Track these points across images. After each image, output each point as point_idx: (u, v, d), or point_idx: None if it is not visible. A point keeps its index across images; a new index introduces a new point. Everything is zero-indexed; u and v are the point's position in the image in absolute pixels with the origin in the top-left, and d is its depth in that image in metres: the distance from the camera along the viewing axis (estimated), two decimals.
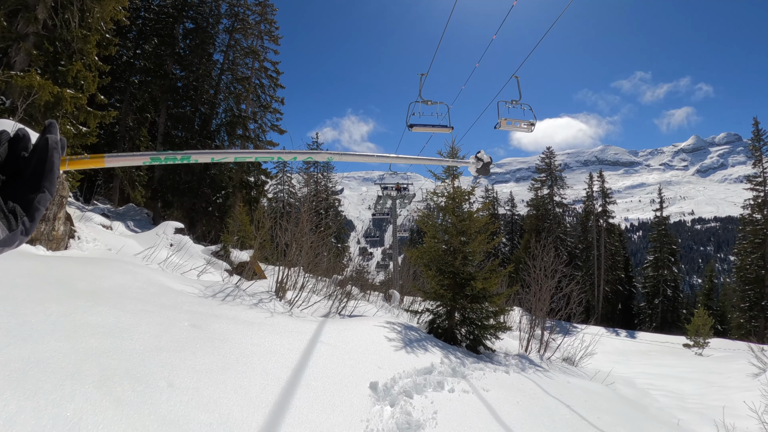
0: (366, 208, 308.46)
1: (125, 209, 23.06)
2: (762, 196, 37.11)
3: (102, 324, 3.71)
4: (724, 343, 28.85)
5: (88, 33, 14.38)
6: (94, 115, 15.12)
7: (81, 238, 9.56)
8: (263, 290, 7.73)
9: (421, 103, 10.17)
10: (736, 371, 15.20)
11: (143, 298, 4.95)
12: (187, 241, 13.06)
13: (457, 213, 9.75)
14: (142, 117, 26.04)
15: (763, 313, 34.88)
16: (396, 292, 17.51)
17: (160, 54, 25.78)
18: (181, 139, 26.01)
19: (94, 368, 2.92)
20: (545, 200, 48.94)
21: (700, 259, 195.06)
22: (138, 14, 25.83)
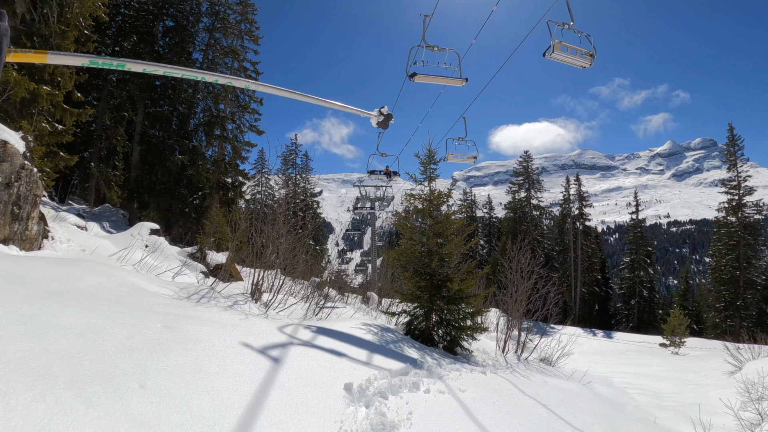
0: (345, 210, 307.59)
1: (101, 210, 22.62)
2: (736, 199, 38.25)
3: (74, 325, 3.68)
4: (700, 342, 29.58)
5: (66, 29, 14.13)
6: (71, 112, 14.86)
7: (55, 239, 9.38)
8: (239, 292, 7.68)
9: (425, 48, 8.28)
10: (712, 369, 15.55)
11: (116, 300, 4.90)
12: (163, 242, 12.89)
13: (434, 215, 9.81)
14: (119, 115, 25.60)
15: (738, 313, 35.95)
16: (374, 294, 17.54)
17: (139, 52, 25.36)
18: (159, 139, 25.64)
19: (65, 369, 2.91)
20: (522, 203, 49.80)
21: (676, 260, 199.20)
22: (118, 11, 25.43)
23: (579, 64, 7.66)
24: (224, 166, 27.33)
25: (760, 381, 8.85)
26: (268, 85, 4.53)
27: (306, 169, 47.53)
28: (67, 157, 15.38)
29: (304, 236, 9.93)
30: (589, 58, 7.63)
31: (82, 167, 24.24)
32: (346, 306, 12.12)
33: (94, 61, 1.19)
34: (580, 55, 7.54)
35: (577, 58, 7.54)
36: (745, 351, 14.72)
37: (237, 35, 28.63)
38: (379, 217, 27.95)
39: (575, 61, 7.59)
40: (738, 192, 38.14)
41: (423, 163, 10.24)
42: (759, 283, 36.79)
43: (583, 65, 7.67)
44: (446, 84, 8.25)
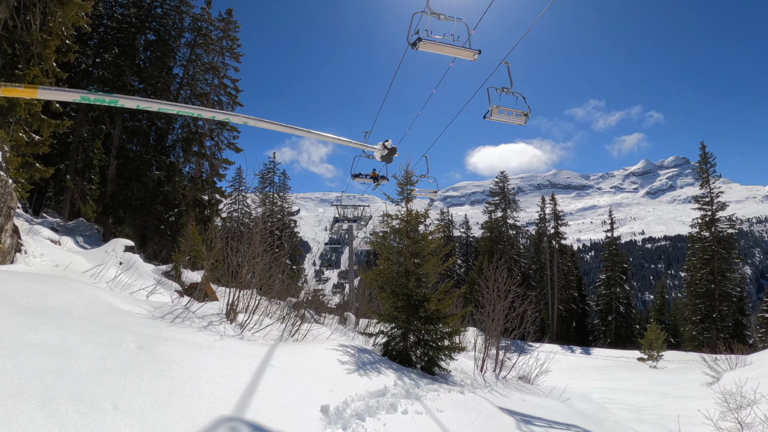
0: (322, 230, 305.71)
1: (75, 224, 22.17)
2: (709, 215, 39.10)
3: (46, 343, 3.65)
4: (677, 355, 29.96)
5: (48, 37, 13.94)
6: (48, 123, 14.62)
7: (28, 253, 9.18)
8: (214, 312, 7.58)
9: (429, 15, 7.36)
10: (690, 381, 15.79)
11: (90, 318, 4.84)
12: (137, 259, 12.69)
13: (411, 235, 9.86)
14: (97, 128, 25.21)
15: (714, 325, 36.59)
16: (351, 314, 17.46)
17: (120, 64, 25.16)
18: (136, 153, 25.30)
19: (38, 388, 2.89)
20: (499, 223, 50.45)
21: (652, 276, 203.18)
22: (100, 21, 25.25)
23: (515, 122, 8.39)
24: (201, 183, 27.07)
25: (738, 390, 9.01)
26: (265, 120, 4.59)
27: (284, 187, 47.23)
28: (43, 169, 15.09)
29: (280, 256, 9.85)
30: (524, 117, 8.31)
31: (58, 179, 23.75)
32: (323, 327, 12.03)
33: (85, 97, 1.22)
34: (515, 116, 8.25)
35: (513, 118, 8.25)
36: (722, 362, 14.95)
37: (218, 52, 28.65)
38: (357, 237, 27.92)
39: (512, 120, 8.33)
40: (711, 208, 39.12)
41: (400, 183, 10.34)
42: (734, 295, 37.62)
43: (519, 123, 8.41)
44: (455, 55, 7.47)
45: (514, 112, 8.24)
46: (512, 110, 8.22)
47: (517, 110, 8.25)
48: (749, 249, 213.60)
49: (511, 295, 12.19)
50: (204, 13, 28.02)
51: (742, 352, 16.65)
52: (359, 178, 17.85)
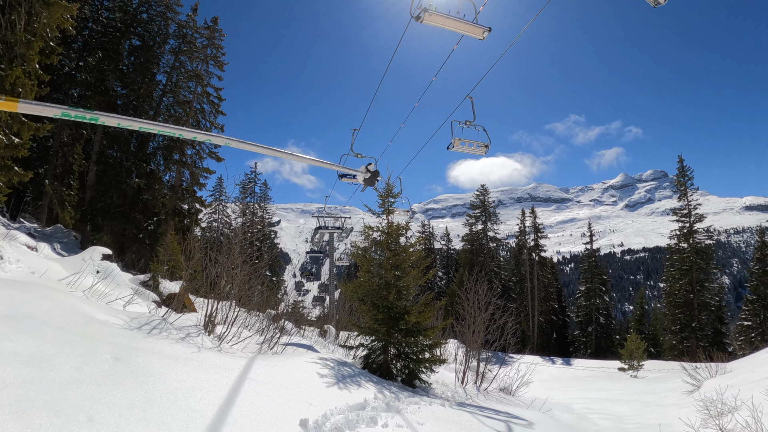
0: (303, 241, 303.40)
1: (52, 230, 21.70)
2: (687, 226, 40.13)
3: (21, 352, 3.61)
4: (658, 365, 30.39)
5: (32, 38, 13.71)
6: (29, 126, 14.34)
7: (4, 258, 9.03)
8: (191, 324, 7.50)
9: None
10: (671, 390, 15.99)
11: (65, 327, 4.78)
12: (115, 268, 12.44)
13: (391, 247, 9.89)
14: (77, 133, 24.65)
15: (693, 334, 37.36)
16: (332, 327, 17.33)
17: (103, 69, 24.81)
18: (116, 160, 24.90)
19: (11, 398, 2.86)
20: (479, 235, 50.96)
21: (631, 287, 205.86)
22: (85, 24, 24.88)
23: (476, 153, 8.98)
24: (181, 192, 26.73)
25: (719, 398, 9.19)
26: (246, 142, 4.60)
27: (264, 198, 46.86)
28: (22, 173, 14.76)
29: (260, 267, 9.77)
30: (484, 148, 8.89)
31: (36, 184, 23.19)
32: (303, 339, 11.94)
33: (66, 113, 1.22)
34: (476, 147, 8.82)
35: (474, 149, 8.82)
36: (702, 370, 15.14)
37: (202, 60, 28.47)
38: (338, 249, 27.80)
39: (472, 151, 8.91)
40: (689, 220, 40.12)
41: (381, 196, 10.40)
42: (712, 304, 38.52)
43: (479, 154, 8.99)
44: (463, 32, 6.85)
45: (475, 143, 8.79)
46: (473, 142, 8.77)
47: (478, 142, 8.80)
48: (727, 259, 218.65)
49: (491, 307, 12.29)
50: (189, 20, 27.88)
51: (721, 360, 16.91)
52: (347, 178, 16.06)
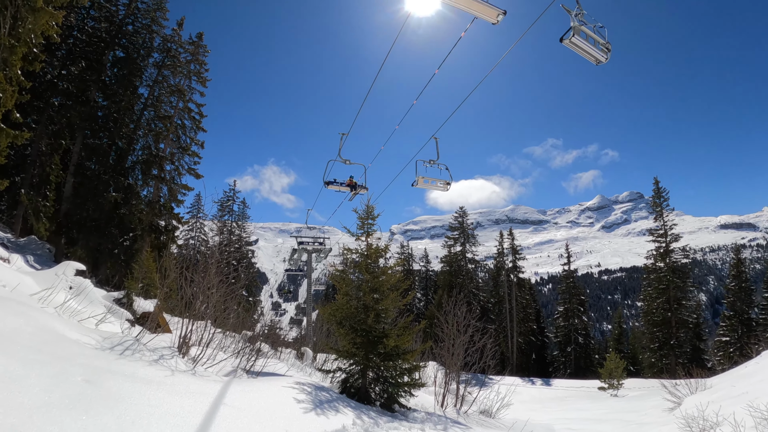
0: (281, 261, 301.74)
1: (26, 241, 21.24)
2: (664, 246, 40.99)
3: None
4: (637, 383, 30.59)
5: (16, 43, 13.49)
6: (7, 133, 14.09)
7: None
8: (165, 345, 7.31)
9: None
10: (651, 408, 16.01)
11: (35, 346, 4.62)
12: (88, 285, 12.12)
13: (370, 270, 9.81)
14: (56, 143, 24.17)
15: (672, 351, 37.93)
16: (309, 350, 17.06)
17: (86, 79, 24.49)
18: (94, 172, 24.44)
19: None
20: (458, 257, 51.18)
21: (609, 306, 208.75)
22: (70, 33, 24.58)
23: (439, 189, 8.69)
24: (159, 208, 26.37)
25: (701, 414, 9.19)
26: None
27: (243, 216, 46.34)
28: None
29: (236, 288, 9.59)
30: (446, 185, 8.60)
31: (12, 193, 22.68)
32: (280, 362, 11.71)
33: None
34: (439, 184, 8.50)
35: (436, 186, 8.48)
36: (682, 387, 15.23)
37: (185, 75, 28.35)
38: (316, 269, 27.52)
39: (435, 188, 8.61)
40: (665, 240, 41.03)
41: (361, 218, 10.35)
42: (690, 321, 39.37)
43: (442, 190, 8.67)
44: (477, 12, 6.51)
45: (437, 181, 8.97)
46: (436, 180, 8.96)
47: (440, 180, 9.00)
48: (703, 277, 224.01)
49: (470, 329, 12.23)
50: (174, 34, 27.86)
51: (701, 376, 17.08)
52: (333, 185, 14.86)
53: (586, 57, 6.89)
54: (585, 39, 6.65)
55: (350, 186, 14.84)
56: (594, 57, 6.88)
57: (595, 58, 6.89)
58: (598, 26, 6.80)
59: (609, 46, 6.87)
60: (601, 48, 6.83)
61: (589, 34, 6.66)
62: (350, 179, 14.92)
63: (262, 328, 15.11)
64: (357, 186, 14.72)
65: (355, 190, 14.78)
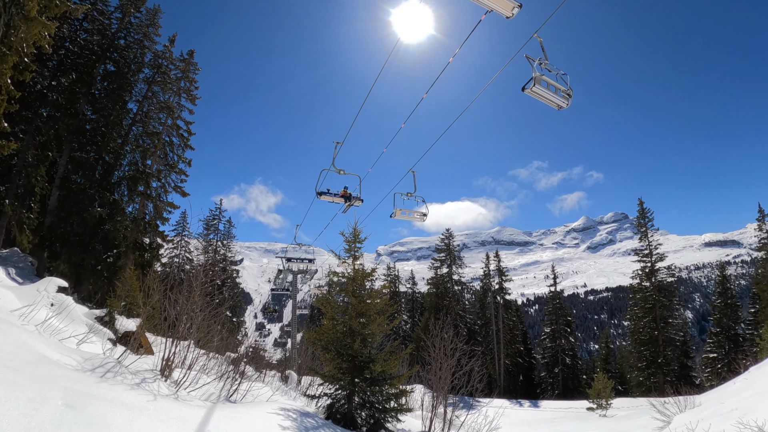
0: (266, 281, 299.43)
1: (8, 253, 21.06)
2: (649, 266, 41.43)
3: None
4: (626, 402, 30.45)
5: (7, 52, 13.35)
6: None
7: None
8: (148, 368, 7.18)
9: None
10: (641, 427, 15.95)
11: (15, 366, 4.54)
12: (70, 302, 11.96)
13: (356, 294, 9.73)
14: (43, 154, 23.76)
15: (660, 370, 38.06)
16: (293, 373, 16.78)
17: (75, 91, 24.27)
18: (79, 186, 24.11)
19: None
20: (444, 279, 51.29)
21: (596, 326, 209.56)
22: (62, 44, 24.32)
23: (416, 220, 9.37)
24: (144, 225, 26.10)
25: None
26: None
27: (228, 235, 45.92)
28: None
29: (221, 312, 9.45)
30: (422, 216, 9.25)
31: None
32: (264, 386, 11.51)
33: None
34: (416, 215, 9.18)
35: (413, 217, 9.18)
36: (671, 405, 15.13)
37: (175, 92, 28.34)
38: (301, 290, 27.27)
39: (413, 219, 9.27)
40: (650, 259, 41.51)
41: (348, 241, 10.33)
42: (677, 339, 39.56)
43: (419, 221, 9.23)
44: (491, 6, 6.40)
45: (415, 213, 9.73)
46: (413, 211, 9.74)
47: (417, 211, 9.82)
48: (689, 294, 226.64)
49: (457, 353, 12.16)
50: (166, 51, 27.89)
51: (690, 394, 17.04)
52: (326, 196, 13.85)
53: (548, 103, 7.38)
54: (546, 87, 7.10)
55: (344, 197, 13.99)
56: (555, 103, 7.37)
57: (557, 104, 7.37)
58: (560, 74, 7.32)
59: (570, 92, 7.37)
60: (563, 95, 7.32)
61: (550, 82, 7.15)
62: (344, 190, 14.09)
63: (246, 349, 14.81)
64: (352, 197, 13.87)
65: (349, 201, 13.94)
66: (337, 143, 11.01)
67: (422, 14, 7.55)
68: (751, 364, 22.33)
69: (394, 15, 8.36)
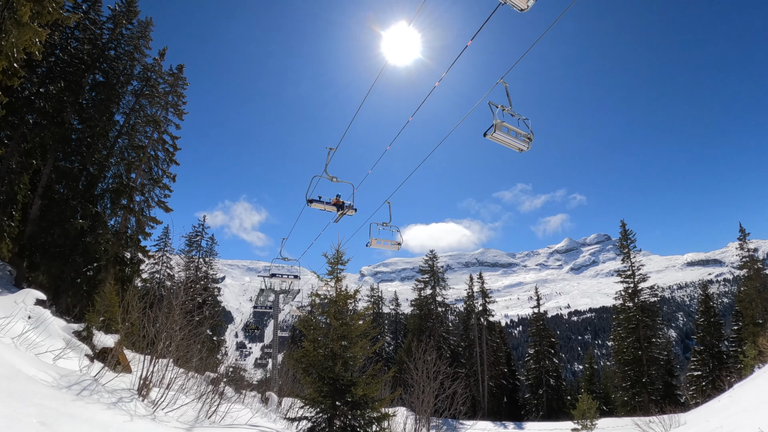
0: (247, 300, 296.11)
1: None
2: (632, 286, 42.05)
3: None
4: (611, 422, 30.50)
5: None
6: None
7: None
8: (125, 386, 7.03)
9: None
10: None
11: None
12: (48, 315, 11.75)
13: (338, 317, 9.64)
14: (27, 162, 23.34)
15: (644, 389, 38.29)
16: (274, 394, 16.53)
17: (63, 100, 24.01)
18: (62, 196, 23.72)
19: None
20: (428, 300, 51.43)
21: (579, 347, 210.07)
22: (53, 51, 24.09)
23: (391, 248, 9.71)
24: (125, 240, 25.78)
25: None
26: None
27: (211, 252, 45.30)
28: None
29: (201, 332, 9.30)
30: (397, 245, 9.58)
31: None
32: (243, 407, 11.28)
33: None
34: (390, 244, 9.53)
35: (389, 246, 9.54)
36: (656, 424, 15.20)
37: (162, 106, 28.28)
38: (283, 309, 26.99)
39: (388, 248, 9.69)
40: (633, 280, 42.14)
41: (330, 262, 10.28)
42: (661, 359, 40.01)
43: (393, 250, 9.55)
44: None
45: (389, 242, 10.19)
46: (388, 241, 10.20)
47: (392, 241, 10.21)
48: (672, 313, 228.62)
49: (441, 375, 12.11)
50: (156, 64, 27.88)
51: (675, 412, 17.14)
52: (317, 204, 12.95)
53: (509, 147, 7.81)
54: (507, 132, 7.51)
55: (336, 205, 13.15)
56: (516, 146, 7.82)
57: (518, 147, 7.83)
58: (522, 119, 7.74)
59: (531, 136, 7.82)
60: (523, 138, 7.75)
61: (510, 128, 7.56)
62: (337, 198, 13.26)
63: (226, 369, 14.54)
64: (344, 206, 13.03)
65: (342, 210, 13.09)
66: (330, 149, 10.71)
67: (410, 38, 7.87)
68: (736, 380, 22.57)
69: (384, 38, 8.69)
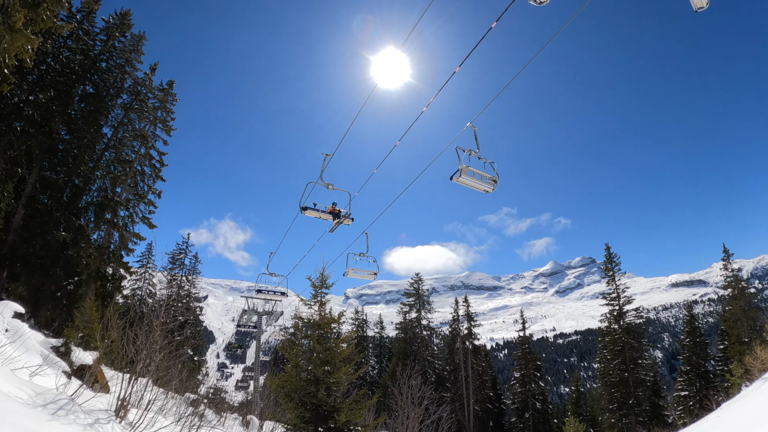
0: (230, 320, 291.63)
1: None
2: (617, 309, 41.96)
3: None
4: None
5: None
6: None
7: None
8: (102, 407, 6.85)
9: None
10: None
11: None
12: (26, 329, 11.44)
13: (322, 342, 9.50)
14: (12, 170, 22.89)
15: (632, 411, 37.97)
16: (255, 418, 16.16)
17: (52, 109, 23.81)
18: (46, 207, 23.40)
19: None
20: (413, 323, 51.28)
21: (566, 369, 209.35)
22: (44, 59, 23.99)
23: (367, 278, 9.68)
24: (108, 255, 25.43)
25: None
26: None
27: (194, 271, 44.55)
28: None
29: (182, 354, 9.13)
30: (373, 275, 9.55)
31: None
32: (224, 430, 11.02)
33: None
34: (367, 274, 9.47)
35: (365, 276, 9.50)
36: None
37: (151, 121, 28.19)
38: (266, 331, 26.64)
39: (364, 277, 9.64)
40: (618, 302, 42.10)
41: (314, 286, 10.23)
42: (647, 380, 39.67)
43: (369, 279, 9.56)
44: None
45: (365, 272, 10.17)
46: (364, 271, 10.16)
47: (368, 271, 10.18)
48: (658, 334, 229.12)
49: (425, 401, 11.97)
50: (146, 78, 27.89)
51: None
52: (312, 212, 12.01)
53: (475, 189, 8.23)
54: (473, 176, 7.93)
55: (332, 214, 12.37)
56: (482, 188, 8.25)
57: (483, 189, 8.25)
58: (488, 162, 8.20)
59: (496, 179, 8.27)
60: (488, 181, 8.20)
61: (476, 171, 7.98)
62: (333, 206, 12.49)
63: (207, 390, 14.20)
64: (341, 215, 12.23)
65: (338, 219, 12.27)
66: (327, 155, 10.31)
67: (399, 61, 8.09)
68: (723, 399, 22.60)
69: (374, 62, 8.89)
